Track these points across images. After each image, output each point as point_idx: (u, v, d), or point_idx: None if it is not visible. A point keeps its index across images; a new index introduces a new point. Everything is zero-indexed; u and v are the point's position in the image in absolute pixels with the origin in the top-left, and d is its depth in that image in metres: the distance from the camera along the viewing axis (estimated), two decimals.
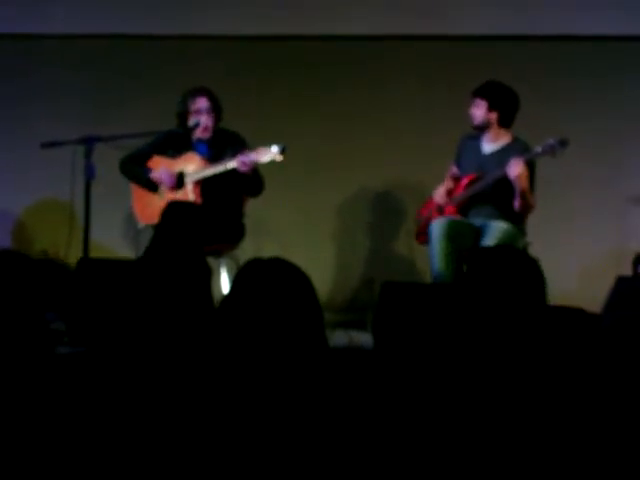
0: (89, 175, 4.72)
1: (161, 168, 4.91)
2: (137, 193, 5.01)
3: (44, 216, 6.02)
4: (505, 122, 4.83)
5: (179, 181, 4.90)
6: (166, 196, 4.88)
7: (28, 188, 5.97)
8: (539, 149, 4.65)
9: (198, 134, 4.93)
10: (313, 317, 1.86)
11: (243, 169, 4.71)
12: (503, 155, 4.76)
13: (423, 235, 4.89)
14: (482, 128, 4.86)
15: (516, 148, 4.74)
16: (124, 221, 5.80)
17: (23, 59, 6.03)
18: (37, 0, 5.95)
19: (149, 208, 4.90)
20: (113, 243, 5.80)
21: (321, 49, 5.93)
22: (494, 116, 4.82)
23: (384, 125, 5.88)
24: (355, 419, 1.78)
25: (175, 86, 5.71)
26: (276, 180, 5.08)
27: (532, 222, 4.88)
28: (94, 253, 4.89)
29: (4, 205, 5.97)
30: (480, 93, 4.82)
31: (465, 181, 4.90)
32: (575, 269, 5.64)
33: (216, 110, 4.94)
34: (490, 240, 4.63)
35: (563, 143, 4.61)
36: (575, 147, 5.55)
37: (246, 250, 5.04)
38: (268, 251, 5.42)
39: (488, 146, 4.89)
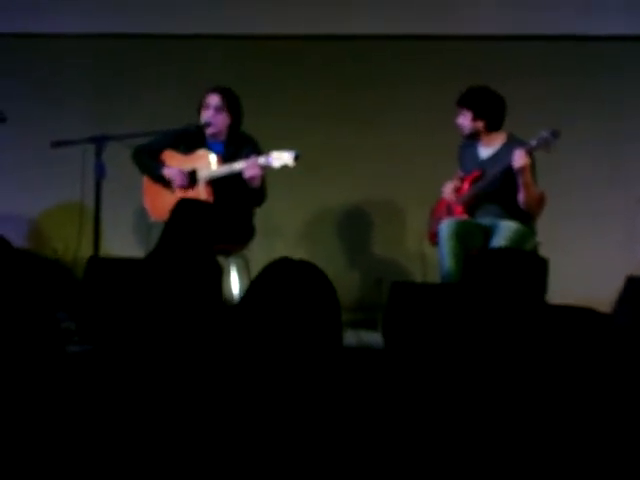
0: (99, 174, 4.71)
1: (173, 167, 4.91)
2: (148, 187, 5.00)
3: (55, 215, 6.03)
4: (494, 127, 4.84)
5: (191, 179, 4.90)
6: (177, 192, 4.89)
7: (38, 187, 5.98)
8: (534, 142, 4.66)
9: (208, 131, 4.93)
10: (334, 323, 1.85)
11: (251, 173, 4.69)
12: (501, 155, 4.77)
13: (435, 236, 4.90)
14: (473, 136, 4.87)
15: (514, 146, 4.72)
16: (134, 220, 5.80)
17: (31, 58, 6.04)
18: (43, 0, 5.96)
19: (160, 203, 4.90)
20: (123, 242, 5.81)
21: (327, 48, 5.93)
22: (481, 124, 4.83)
23: (392, 124, 5.89)
24: (366, 418, 1.78)
25: (182, 84, 5.74)
26: (284, 180, 5.09)
27: (541, 222, 4.87)
28: (104, 252, 4.89)
29: (15, 205, 5.97)
30: (464, 103, 4.82)
31: (470, 179, 4.90)
32: (584, 269, 5.63)
33: (231, 110, 4.92)
34: (500, 240, 4.63)
35: (555, 134, 4.63)
36: (581, 147, 5.57)
37: (255, 250, 5.04)
38: (277, 251, 5.43)
39: (484, 151, 4.89)
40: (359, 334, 4.80)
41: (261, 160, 4.69)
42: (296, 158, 4.64)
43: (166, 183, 4.92)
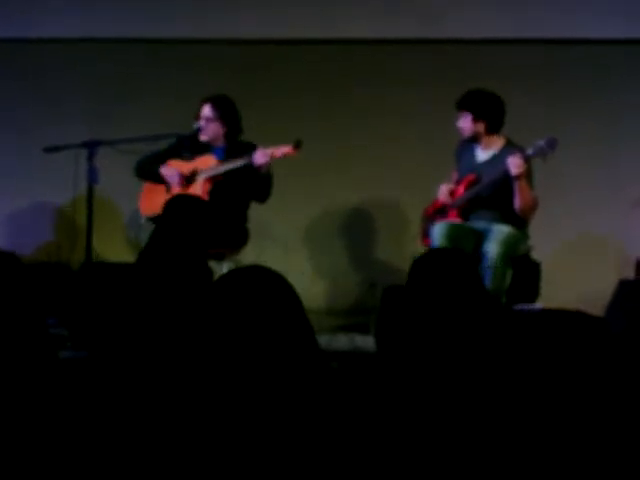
0: (92, 179, 4.71)
1: (172, 167, 4.92)
2: (147, 187, 5.01)
3: (47, 220, 6.02)
4: (494, 129, 4.85)
5: (189, 178, 4.90)
6: (173, 190, 4.89)
7: (31, 192, 5.97)
8: (530, 151, 4.67)
9: (201, 138, 4.95)
10: (297, 321, 1.82)
11: (261, 160, 4.70)
12: (498, 160, 4.78)
13: (428, 238, 4.91)
14: (473, 139, 4.88)
15: (511, 152, 4.73)
16: (127, 224, 5.80)
17: (25, 63, 6.03)
18: (39, 4, 5.96)
19: (154, 200, 4.89)
20: (116, 246, 5.80)
21: (321, 53, 5.94)
22: (481, 126, 4.84)
23: (386, 129, 5.89)
24: (358, 423, 1.78)
25: (178, 90, 5.74)
26: (278, 184, 5.09)
27: (533, 225, 4.88)
28: (96, 256, 4.89)
29: (7, 209, 5.97)
30: (463, 106, 4.84)
31: (465, 183, 4.91)
32: (577, 272, 5.64)
33: (224, 119, 4.93)
34: (492, 244, 4.64)
35: (551, 143, 4.63)
36: (576, 150, 5.57)
37: (248, 254, 5.04)
38: (270, 255, 5.42)
39: (482, 154, 4.90)
40: (353, 338, 4.81)
41: (265, 150, 4.73)
42: (297, 145, 4.67)
43: (165, 182, 4.93)
